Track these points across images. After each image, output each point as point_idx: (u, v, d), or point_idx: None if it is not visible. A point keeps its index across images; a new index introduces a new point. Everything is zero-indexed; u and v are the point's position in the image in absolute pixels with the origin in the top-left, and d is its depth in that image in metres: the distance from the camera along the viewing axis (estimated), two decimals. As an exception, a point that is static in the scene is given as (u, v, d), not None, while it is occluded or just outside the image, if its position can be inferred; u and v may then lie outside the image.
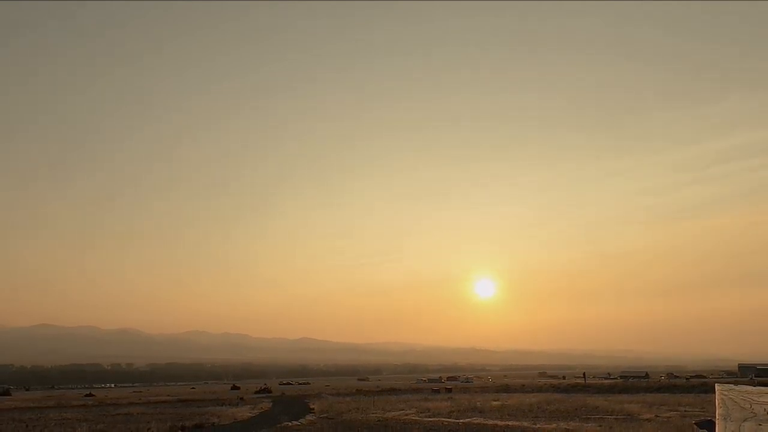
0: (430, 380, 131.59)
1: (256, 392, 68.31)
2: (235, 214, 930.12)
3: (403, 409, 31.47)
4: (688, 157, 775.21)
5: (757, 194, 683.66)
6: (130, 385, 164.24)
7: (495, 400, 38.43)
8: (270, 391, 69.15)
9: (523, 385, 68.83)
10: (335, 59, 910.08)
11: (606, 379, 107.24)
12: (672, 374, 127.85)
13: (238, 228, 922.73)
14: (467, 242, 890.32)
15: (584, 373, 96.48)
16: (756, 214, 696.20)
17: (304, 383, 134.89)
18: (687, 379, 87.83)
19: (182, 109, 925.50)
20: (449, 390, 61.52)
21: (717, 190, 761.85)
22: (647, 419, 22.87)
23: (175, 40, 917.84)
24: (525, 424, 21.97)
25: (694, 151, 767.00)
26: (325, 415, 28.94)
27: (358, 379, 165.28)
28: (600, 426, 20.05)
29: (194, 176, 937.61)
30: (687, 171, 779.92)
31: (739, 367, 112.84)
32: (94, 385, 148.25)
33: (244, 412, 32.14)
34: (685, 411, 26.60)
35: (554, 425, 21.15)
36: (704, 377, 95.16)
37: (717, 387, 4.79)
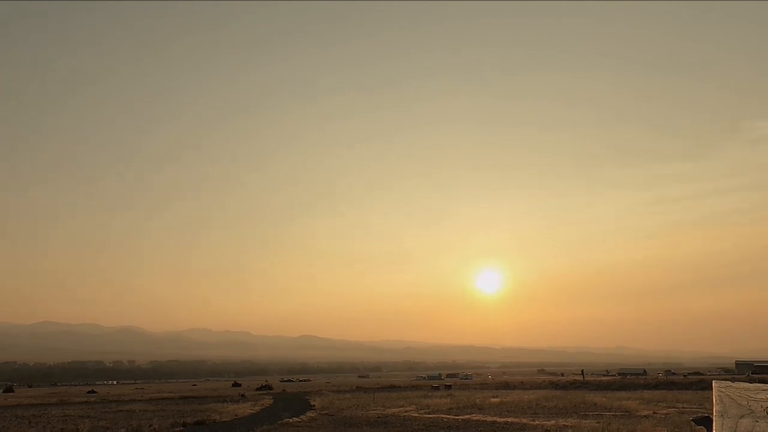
0: (430, 377, 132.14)
1: (257, 389, 68.59)
2: (237, 216, 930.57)
3: (402, 406, 31.64)
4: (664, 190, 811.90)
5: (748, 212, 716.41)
6: (132, 382, 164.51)
7: (494, 397, 38.58)
8: (271, 388, 69.50)
9: (522, 382, 69.19)
10: (344, 61, 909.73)
11: (604, 376, 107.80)
12: (670, 371, 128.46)
13: (240, 230, 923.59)
14: (467, 243, 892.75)
15: (582, 371, 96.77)
16: (750, 227, 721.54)
17: (304, 380, 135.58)
18: (684, 376, 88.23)
19: (189, 112, 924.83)
20: (449, 387, 61.82)
21: (699, 211, 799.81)
22: (645, 416, 23.02)
23: (182, 41, 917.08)
24: (524, 420, 22.12)
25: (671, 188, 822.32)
26: (325, 411, 29.13)
27: (359, 376, 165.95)
28: (598, 422, 20.17)
29: (198, 178, 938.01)
30: (661, 201, 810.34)
31: (736, 364, 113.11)
32: (96, 382, 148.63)
33: (245, 409, 32.31)
34: (682, 408, 26.77)
35: (553, 422, 21.29)
36: (702, 374, 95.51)
37: (714, 384, 4.85)
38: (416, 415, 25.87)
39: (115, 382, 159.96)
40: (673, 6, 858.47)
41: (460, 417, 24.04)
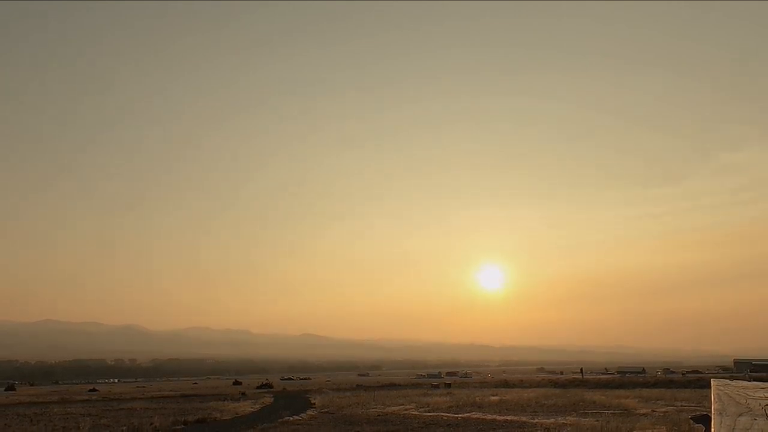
0: (430, 375, 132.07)
1: (258, 387, 68.78)
2: (238, 216, 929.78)
3: (402, 404, 31.74)
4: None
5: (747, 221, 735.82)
6: (133, 380, 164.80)
7: (494, 395, 38.71)
8: (271, 387, 69.65)
9: (522, 381, 69.36)
10: (344, 61, 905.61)
11: (603, 374, 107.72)
12: (668, 370, 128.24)
13: (240, 229, 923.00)
14: (467, 243, 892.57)
15: (582, 369, 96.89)
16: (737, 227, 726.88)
17: (305, 378, 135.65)
18: (683, 374, 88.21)
19: (189, 112, 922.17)
20: (448, 385, 61.91)
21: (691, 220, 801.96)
22: (644, 414, 23.10)
23: (182, 41, 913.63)
24: (523, 418, 22.22)
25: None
26: (325, 409, 29.26)
27: (359, 375, 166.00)
28: (597, 420, 20.25)
29: (198, 179, 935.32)
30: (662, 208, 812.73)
31: (734, 363, 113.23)
32: (98, 381, 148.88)
33: (245, 407, 32.46)
34: (681, 406, 26.85)
35: (552, 420, 21.38)
36: (700, 372, 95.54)
37: (713, 382, 4.86)
38: (416, 413, 25.96)
39: (116, 381, 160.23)
40: (673, 6, 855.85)
41: (460, 415, 24.13)
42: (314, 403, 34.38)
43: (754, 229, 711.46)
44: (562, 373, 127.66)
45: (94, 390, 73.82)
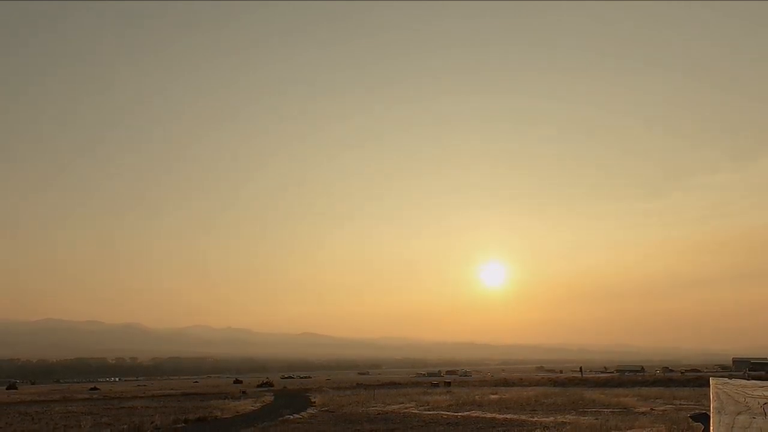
0: (429, 374, 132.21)
1: (259, 386, 68.93)
2: (238, 215, 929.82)
3: (402, 403, 31.84)
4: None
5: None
6: (134, 378, 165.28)
7: (493, 394, 38.78)
8: (272, 385, 69.85)
9: (521, 379, 69.45)
10: (344, 61, 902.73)
11: (602, 373, 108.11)
12: (667, 368, 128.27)
13: (241, 229, 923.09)
14: (467, 243, 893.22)
15: (581, 368, 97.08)
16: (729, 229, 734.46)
17: (305, 377, 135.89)
18: (682, 372, 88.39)
19: (189, 112, 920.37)
20: (448, 384, 61.99)
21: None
22: (643, 412, 23.17)
23: (182, 41, 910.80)
24: (523, 417, 22.30)
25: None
26: (326, 408, 29.37)
27: (359, 373, 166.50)
28: (596, 419, 20.34)
29: (198, 178, 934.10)
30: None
31: (733, 361, 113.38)
32: (99, 379, 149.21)
33: (246, 406, 32.55)
34: (680, 404, 26.91)
35: (551, 418, 21.46)
36: (699, 371, 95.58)
37: (712, 381, 4.89)
38: (416, 411, 26.06)
39: (117, 379, 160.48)
40: (674, 6, 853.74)
41: (460, 414, 24.22)
42: (314, 402, 34.47)
43: (755, 231, 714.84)
44: (561, 371, 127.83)
45: (95, 389, 74.01)
